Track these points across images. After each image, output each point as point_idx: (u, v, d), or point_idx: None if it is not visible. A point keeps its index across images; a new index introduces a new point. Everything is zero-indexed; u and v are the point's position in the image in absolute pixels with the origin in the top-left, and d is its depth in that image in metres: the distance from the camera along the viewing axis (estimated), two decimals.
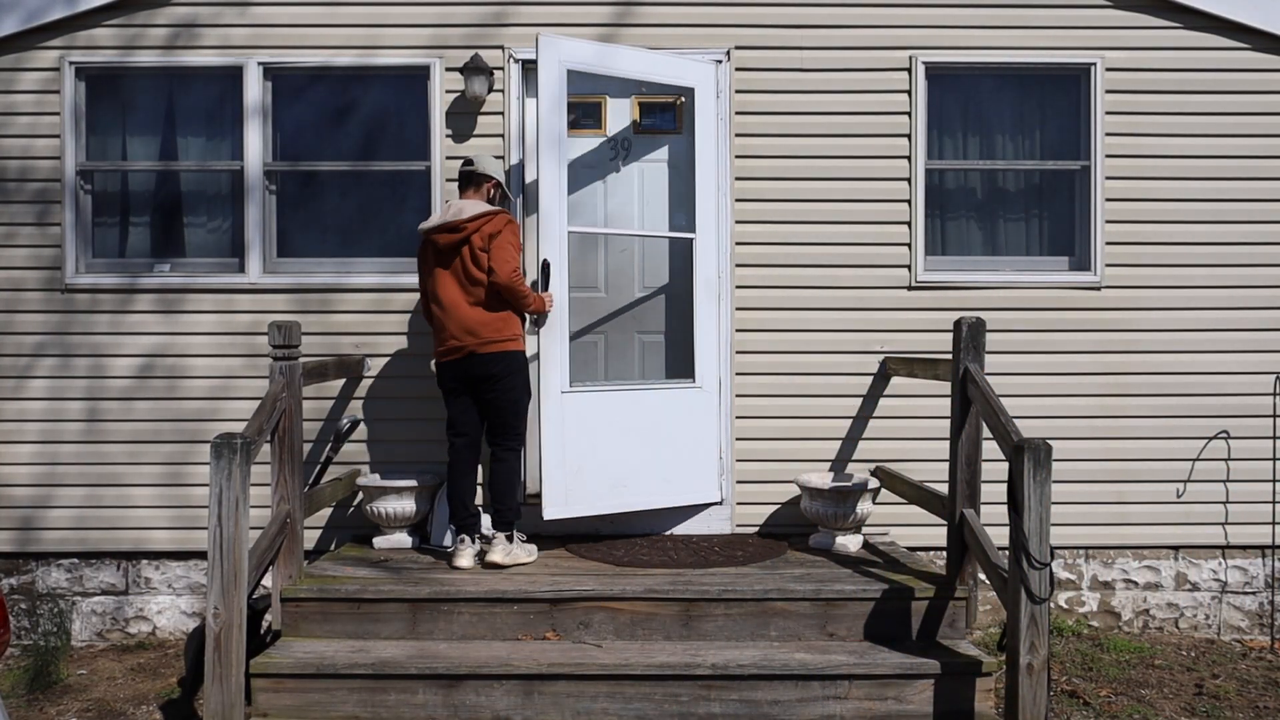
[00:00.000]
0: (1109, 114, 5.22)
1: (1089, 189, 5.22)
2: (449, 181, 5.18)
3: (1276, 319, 5.23)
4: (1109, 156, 5.22)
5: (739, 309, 5.19)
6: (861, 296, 5.22)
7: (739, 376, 5.19)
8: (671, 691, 3.84)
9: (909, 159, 5.21)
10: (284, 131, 5.29)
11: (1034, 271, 5.28)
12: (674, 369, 5.37)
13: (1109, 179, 5.22)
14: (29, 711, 4.29)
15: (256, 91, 5.19)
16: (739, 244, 5.19)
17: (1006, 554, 3.67)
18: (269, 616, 4.38)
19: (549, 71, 4.66)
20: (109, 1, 5.14)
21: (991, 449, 4.45)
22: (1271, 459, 5.21)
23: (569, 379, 4.73)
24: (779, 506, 5.20)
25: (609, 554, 4.70)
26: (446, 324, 4.52)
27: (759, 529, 5.21)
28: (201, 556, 5.19)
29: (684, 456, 5.04)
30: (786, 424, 5.20)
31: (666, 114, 5.38)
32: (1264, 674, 4.70)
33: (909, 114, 5.21)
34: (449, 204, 4.61)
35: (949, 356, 4.75)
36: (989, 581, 4.02)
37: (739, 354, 5.19)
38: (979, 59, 5.22)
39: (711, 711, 3.84)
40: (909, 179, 5.21)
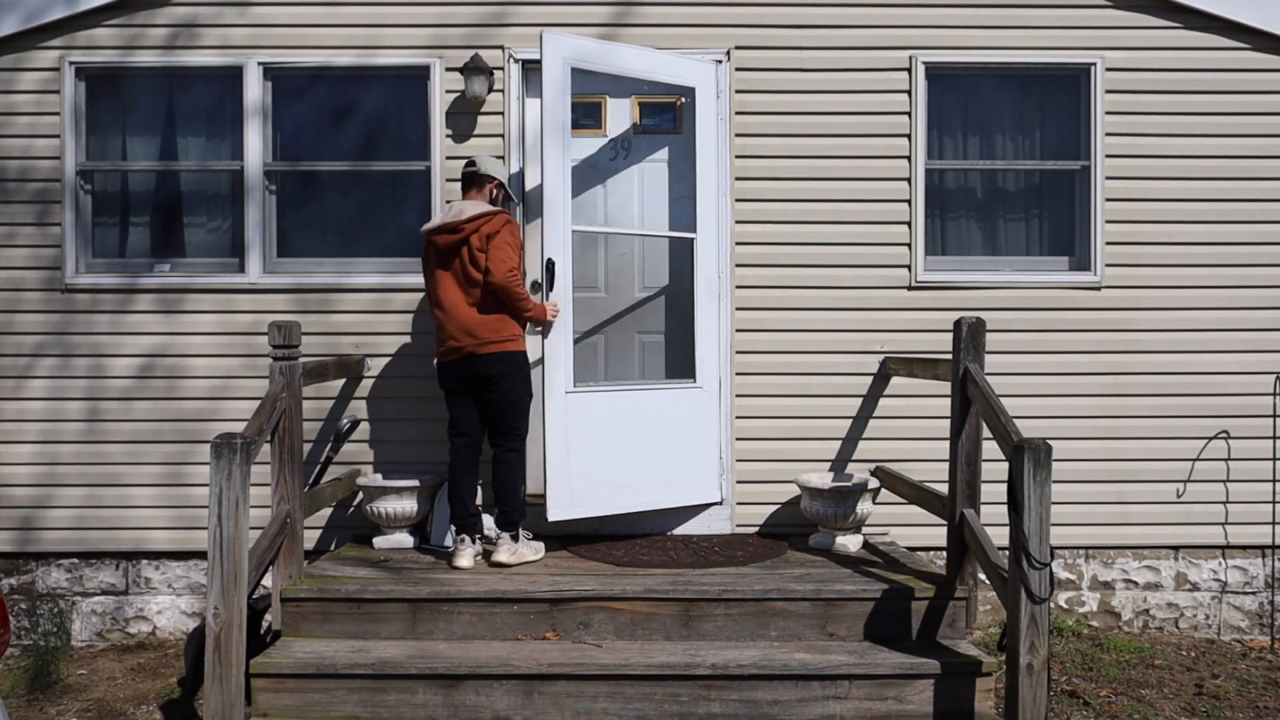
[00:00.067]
0: (1109, 114, 5.22)
1: (1089, 189, 5.22)
2: (449, 181, 5.18)
3: (1276, 319, 5.23)
4: (1109, 156, 5.22)
5: (739, 309, 5.19)
6: (861, 296, 5.22)
7: (739, 376, 5.19)
8: (671, 691, 3.84)
9: (909, 159, 5.21)
10: (284, 131, 5.29)
11: (1034, 271, 5.28)
12: (674, 369, 5.37)
13: (1109, 179, 5.22)
14: (29, 711, 4.29)
15: (256, 91, 5.19)
16: (739, 244, 5.19)
17: (1006, 554, 3.67)
18: (269, 616, 4.38)
19: (553, 68, 4.64)
20: (109, 1, 5.14)
21: (991, 449, 4.45)
22: (1271, 459, 5.21)
23: (573, 379, 4.72)
24: (779, 506, 5.21)
25: (609, 554, 4.70)
26: (446, 325, 4.52)
27: (759, 529, 5.22)
28: (201, 556, 5.19)
29: (685, 457, 5.04)
30: (786, 424, 5.20)
31: (666, 114, 5.38)
32: (1264, 674, 4.70)
33: (909, 114, 5.21)
34: (450, 205, 4.61)
35: (949, 356, 4.75)
36: (989, 581, 4.02)
37: (739, 354, 5.19)
38: (979, 59, 5.22)
39: (711, 711, 3.84)
40: (909, 179, 5.21)
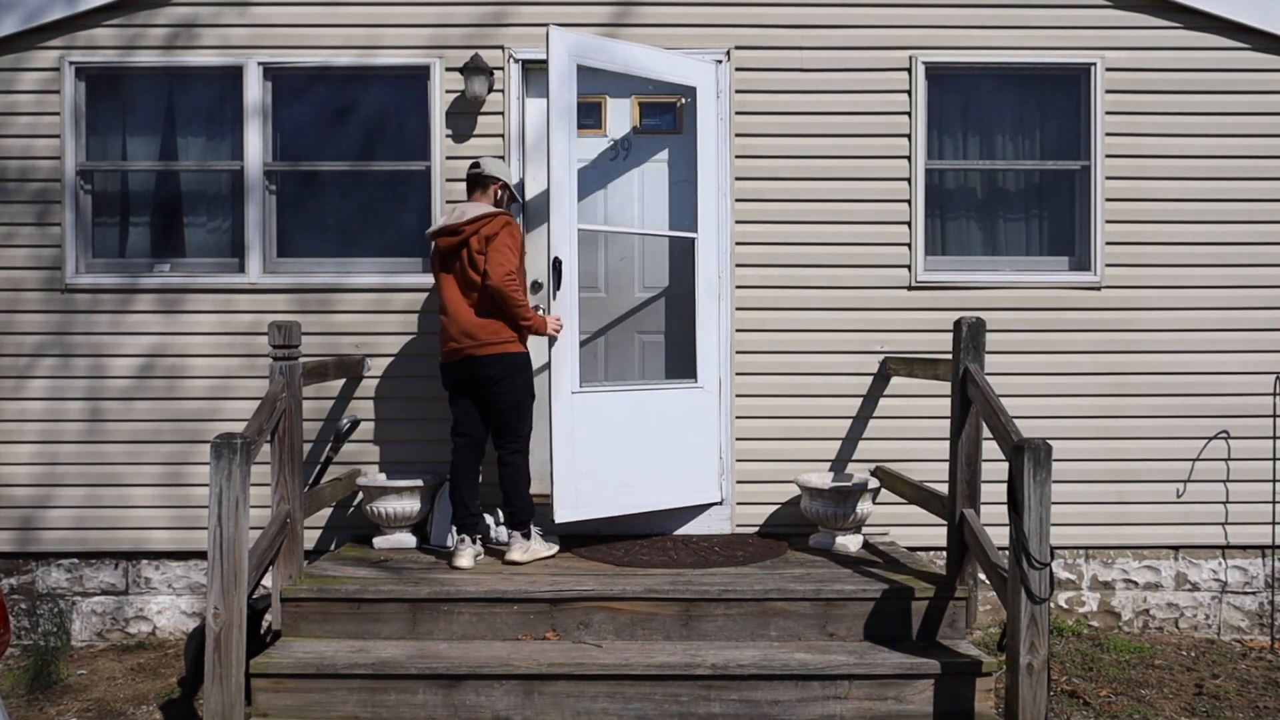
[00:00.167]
0: (1109, 114, 5.22)
1: (1089, 189, 5.22)
2: (449, 181, 5.18)
3: (1276, 319, 5.23)
4: (1109, 156, 5.22)
5: (739, 309, 5.19)
6: (861, 296, 5.22)
7: (739, 376, 5.19)
8: (671, 691, 3.84)
9: (909, 159, 5.21)
10: (284, 131, 5.29)
11: (1034, 271, 5.28)
12: (674, 369, 5.37)
13: (1109, 179, 5.22)
14: (29, 711, 4.29)
15: (256, 91, 5.19)
16: (739, 244, 5.19)
17: (1006, 554, 3.67)
18: (269, 616, 4.38)
19: (558, 54, 4.59)
20: (109, 1, 5.14)
21: (991, 449, 4.45)
22: (1271, 459, 5.21)
23: (579, 379, 4.71)
24: (779, 506, 5.21)
25: (609, 554, 4.70)
26: (448, 327, 4.52)
27: (759, 529, 5.22)
28: (201, 556, 5.19)
29: (686, 457, 5.03)
30: (786, 424, 5.20)
31: (666, 114, 5.38)
32: (1264, 674, 4.70)
33: (909, 114, 5.21)
34: (455, 207, 4.61)
35: (949, 356, 4.75)
36: (989, 581, 4.02)
37: (739, 354, 5.19)
38: (979, 59, 5.22)
39: (711, 711, 3.84)
40: (909, 179, 5.21)
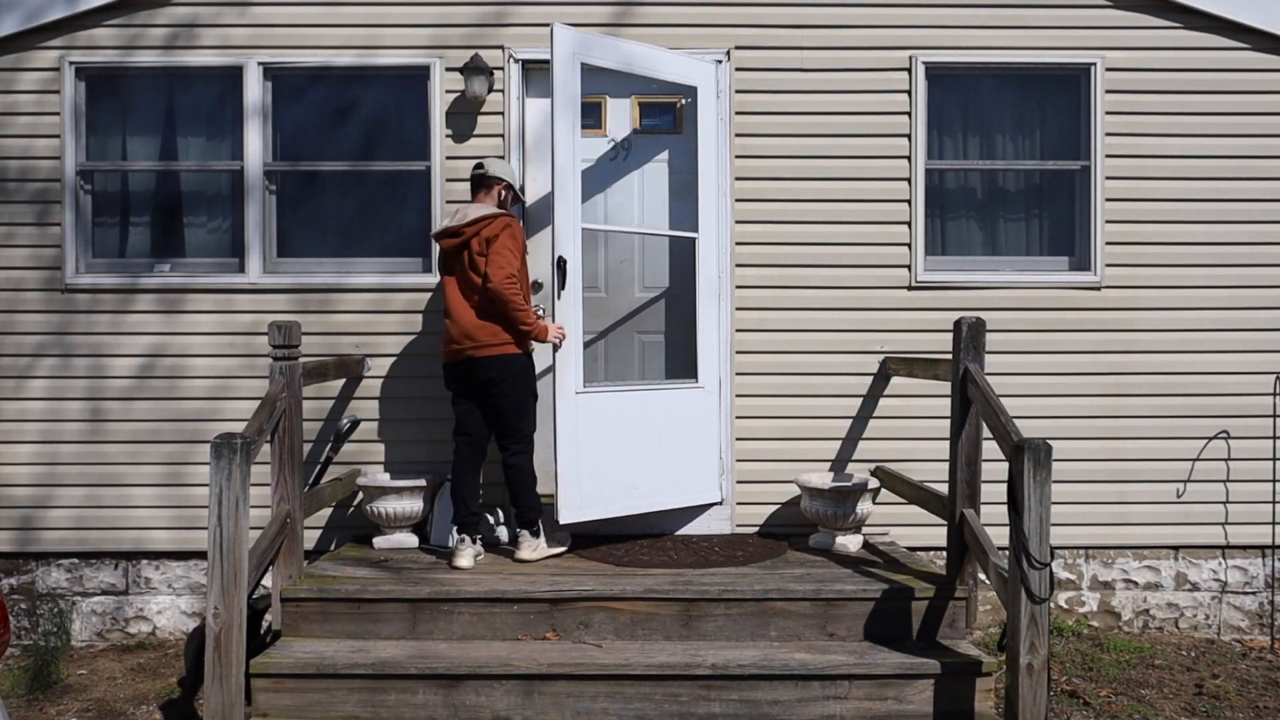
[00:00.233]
0: (1109, 114, 5.22)
1: (1089, 189, 5.22)
2: (449, 181, 5.18)
3: (1276, 319, 5.23)
4: (1109, 156, 5.22)
5: (739, 309, 5.19)
6: (861, 296, 5.22)
7: (739, 376, 5.19)
8: (671, 691, 3.84)
9: (909, 159, 5.21)
10: (284, 131, 5.29)
11: (1034, 271, 5.28)
12: (673, 369, 5.36)
13: (1109, 179, 5.22)
14: (29, 711, 4.29)
15: (256, 91, 5.19)
16: (739, 244, 5.19)
17: (1006, 554, 3.67)
18: (269, 616, 4.38)
19: (562, 57, 4.56)
20: (109, 1, 5.14)
21: (991, 449, 4.45)
22: (1271, 459, 5.21)
23: (583, 379, 4.69)
24: (779, 506, 5.21)
25: (609, 554, 4.70)
26: (450, 328, 4.53)
27: (759, 529, 5.21)
28: (201, 556, 5.19)
29: (687, 457, 5.03)
30: (786, 424, 5.20)
31: (666, 114, 5.38)
32: (1264, 674, 4.70)
33: (909, 114, 5.21)
34: (457, 208, 4.60)
35: (949, 356, 4.75)
36: (989, 581, 4.02)
37: (739, 354, 5.19)
38: (979, 59, 5.22)
39: (711, 711, 3.84)
40: (909, 179, 5.21)
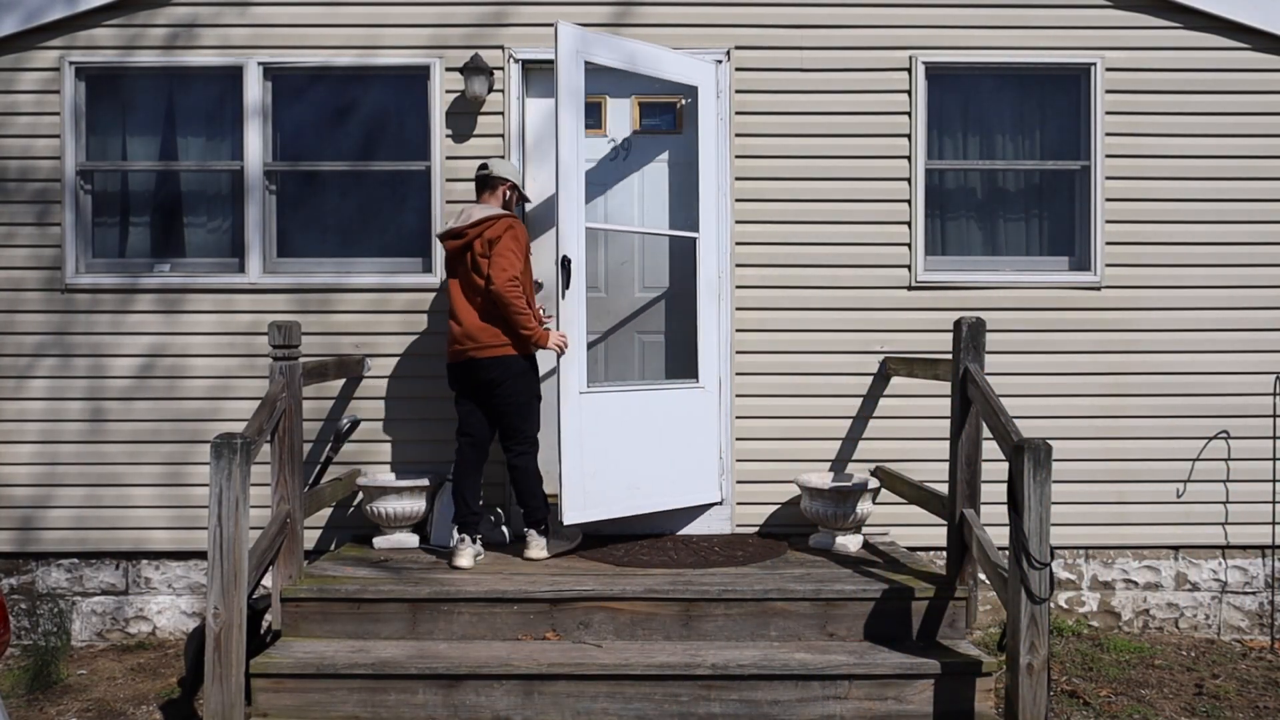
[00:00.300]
0: (1109, 114, 5.22)
1: (1089, 189, 5.22)
2: (449, 181, 5.18)
3: (1276, 319, 5.23)
4: (1109, 156, 5.22)
5: (739, 309, 5.19)
6: (861, 296, 5.22)
7: (739, 376, 5.19)
8: (671, 691, 3.84)
9: (909, 159, 5.21)
10: (284, 131, 5.29)
11: (1034, 271, 5.28)
12: (674, 369, 5.36)
13: (1109, 179, 5.22)
14: (29, 711, 4.29)
15: (256, 91, 5.19)
16: (739, 244, 5.19)
17: (1006, 554, 3.67)
18: (269, 616, 4.38)
19: (566, 48, 4.55)
20: (109, 1, 5.14)
21: (991, 449, 4.45)
22: (1271, 459, 5.21)
23: (586, 379, 4.68)
24: (779, 506, 5.21)
25: (609, 554, 4.70)
26: (454, 329, 4.55)
27: (759, 529, 5.21)
28: (201, 556, 5.19)
29: (688, 457, 5.03)
30: (786, 424, 5.20)
31: (666, 115, 5.38)
32: (1264, 674, 4.70)
33: (909, 114, 5.21)
34: (461, 209, 4.61)
35: (949, 356, 4.75)
36: (989, 581, 4.02)
37: (739, 354, 5.19)
38: (979, 59, 5.22)
39: (711, 711, 3.84)
40: (909, 179, 5.21)
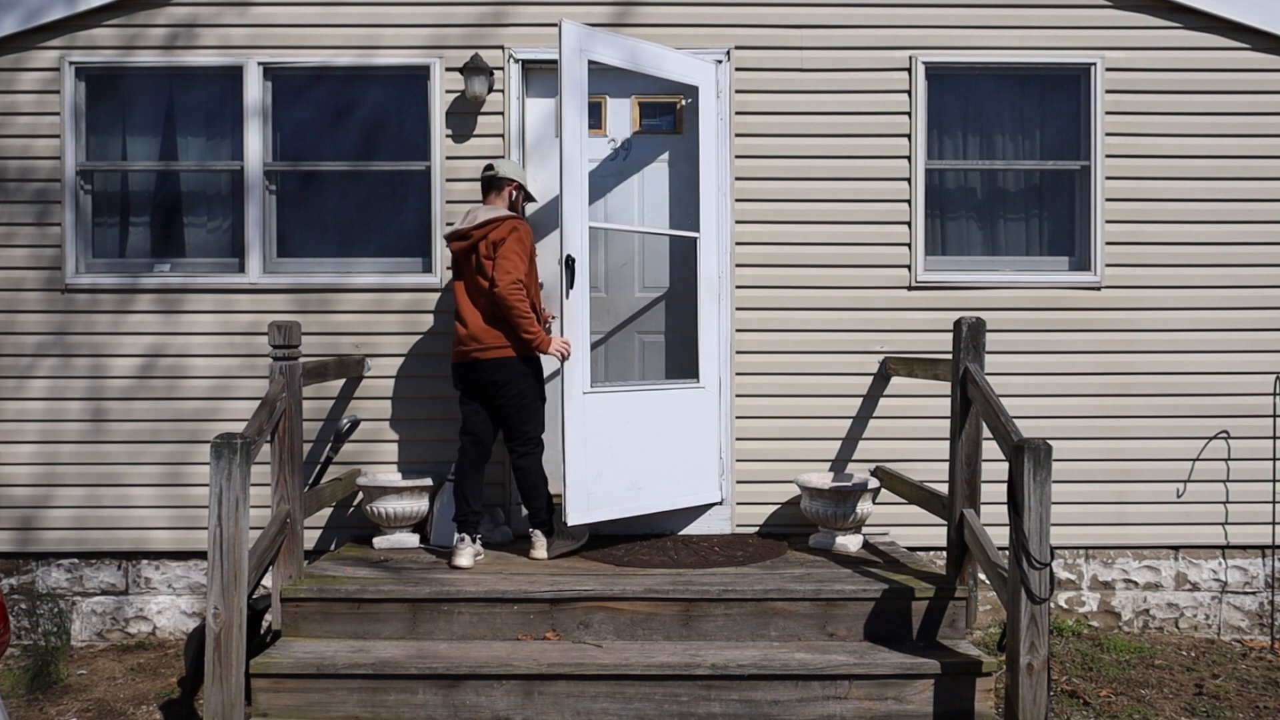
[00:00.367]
0: (1109, 114, 5.22)
1: (1089, 189, 5.22)
2: (449, 181, 5.18)
3: (1276, 319, 5.23)
4: (1109, 156, 5.22)
5: (739, 309, 5.19)
6: (861, 296, 5.22)
7: (739, 376, 5.19)
8: (671, 691, 3.84)
9: (909, 159, 5.21)
10: (284, 131, 5.29)
11: (1034, 271, 5.28)
12: (674, 369, 5.36)
13: (1109, 179, 5.22)
14: (29, 711, 4.29)
15: (256, 91, 5.19)
16: (739, 244, 5.19)
17: (1006, 554, 3.67)
18: (269, 616, 4.38)
19: (571, 39, 4.53)
20: (109, 1, 5.14)
21: (991, 449, 4.45)
22: (1271, 459, 5.21)
23: (589, 380, 4.67)
24: (779, 506, 5.21)
25: (609, 554, 4.70)
26: (459, 329, 4.56)
27: (759, 529, 5.21)
28: (201, 556, 5.19)
29: (688, 457, 5.03)
30: (786, 424, 5.20)
31: (666, 115, 5.38)
32: (1264, 674, 4.70)
33: (909, 114, 5.21)
34: (467, 210, 4.61)
35: (949, 356, 4.75)
36: (989, 581, 4.02)
37: (739, 354, 5.19)
38: (979, 59, 5.22)
39: (711, 711, 3.84)
40: (909, 179, 5.21)
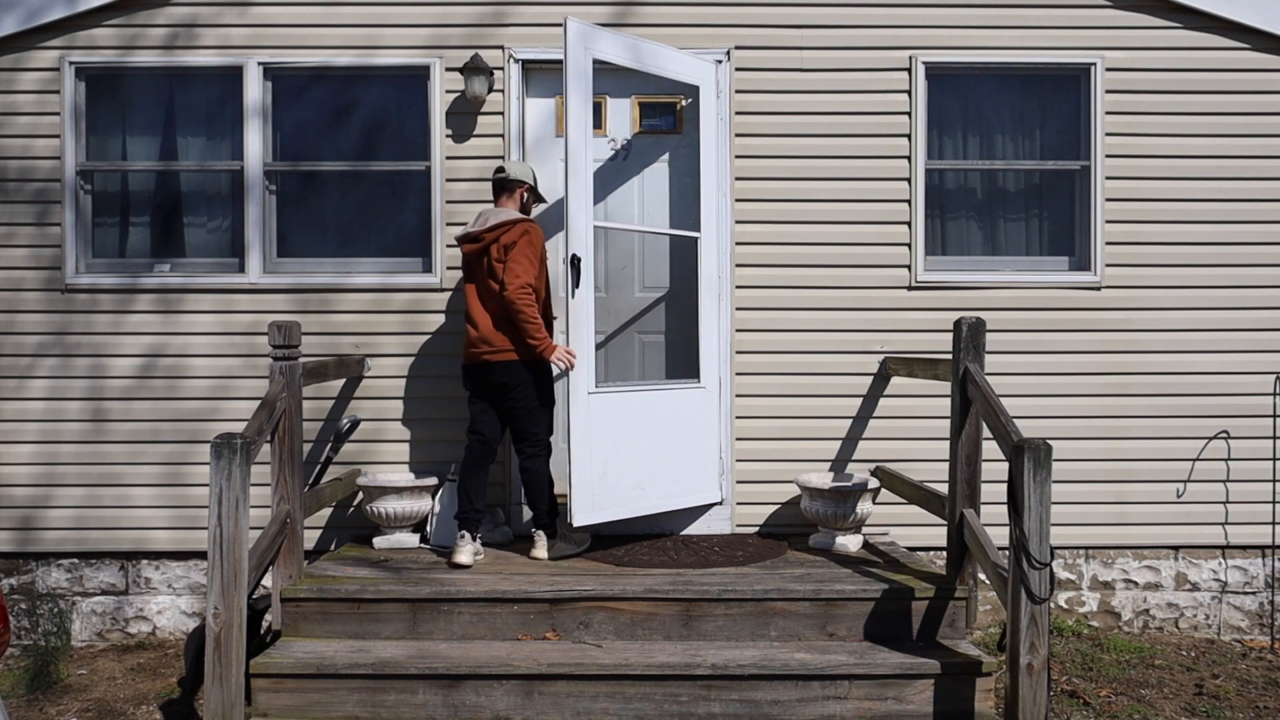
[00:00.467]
0: (1109, 114, 5.22)
1: (1089, 189, 5.22)
2: (449, 181, 5.18)
3: (1276, 319, 5.23)
4: (1109, 156, 5.22)
5: (739, 309, 5.19)
6: (861, 296, 5.22)
7: (739, 376, 5.19)
8: (671, 691, 3.84)
9: (909, 159, 5.21)
10: (284, 131, 5.29)
11: (1034, 271, 5.28)
12: (674, 369, 5.36)
13: (1109, 179, 5.22)
14: (29, 711, 4.29)
15: (256, 91, 5.19)
16: (739, 244, 5.19)
17: (1006, 554, 3.67)
18: (269, 616, 4.38)
19: (574, 32, 4.53)
20: (109, 1, 5.14)
21: (991, 449, 4.46)
22: (1271, 459, 5.21)
23: (595, 380, 4.65)
24: (779, 506, 5.21)
25: (609, 554, 4.70)
26: (470, 331, 4.58)
27: (759, 529, 5.21)
28: (201, 556, 5.19)
29: (690, 457, 5.03)
30: (786, 424, 5.20)
31: (666, 115, 5.38)
32: (1264, 674, 4.70)
33: (909, 114, 5.21)
34: (480, 212, 4.62)
35: (949, 356, 4.75)
36: (989, 581, 4.02)
37: (739, 354, 5.19)
38: (979, 59, 5.22)
39: (712, 711, 3.84)
40: (909, 179, 5.21)
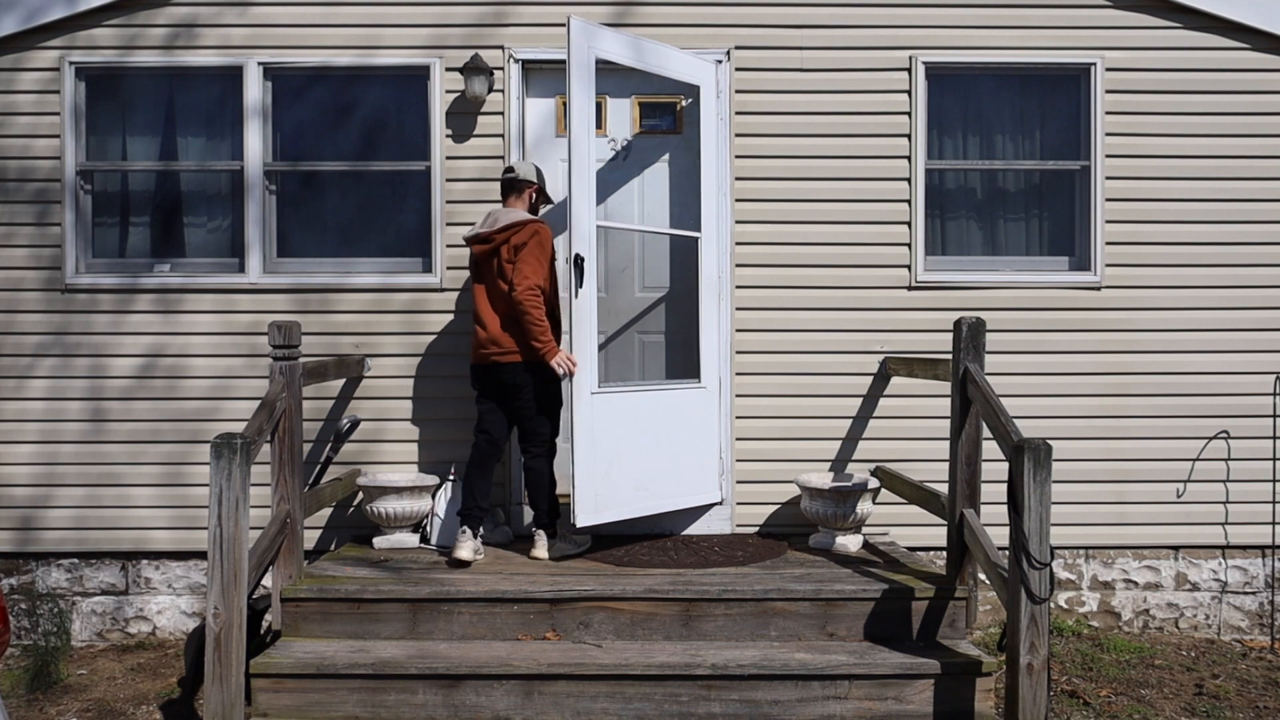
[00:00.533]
0: (1109, 114, 5.22)
1: (1089, 189, 5.22)
2: (449, 181, 5.18)
3: (1276, 319, 5.23)
4: (1109, 156, 5.22)
5: (739, 309, 5.19)
6: (861, 296, 5.22)
7: (739, 376, 5.19)
8: (671, 691, 3.84)
9: (909, 159, 5.21)
10: (284, 131, 5.29)
11: (1034, 271, 5.28)
12: (674, 369, 5.36)
13: (1109, 179, 5.22)
14: (29, 711, 4.29)
15: (256, 91, 5.19)
16: (739, 244, 5.19)
17: (1006, 554, 3.67)
18: (269, 616, 4.38)
19: (578, 41, 4.52)
20: (109, 1, 5.14)
21: (991, 449, 4.46)
22: (1271, 459, 5.21)
23: (597, 380, 4.65)
24: (779, 506, 5.21)
25: (609, 554, 4.70)
26: (479, 331, 4.58)
27: (759, 529, 5.21)
28: (201, 556, 5.19)
29: (690, 457, 5.02)
30: (786, 424, 5.20)
31: (666, 115, 5.38)
32: (1264, 674, 4.70)
33: (909, 114, 5.21)
34: (489, 212, 4.62)
35: (949, 356, 4.75)
36: (989, 581, 4.02)
37: (739, 354, 5.19)
38: (979, 59, 5.22)
39: (712, 711, 3.84)
40: (909, 179, 5.21)
